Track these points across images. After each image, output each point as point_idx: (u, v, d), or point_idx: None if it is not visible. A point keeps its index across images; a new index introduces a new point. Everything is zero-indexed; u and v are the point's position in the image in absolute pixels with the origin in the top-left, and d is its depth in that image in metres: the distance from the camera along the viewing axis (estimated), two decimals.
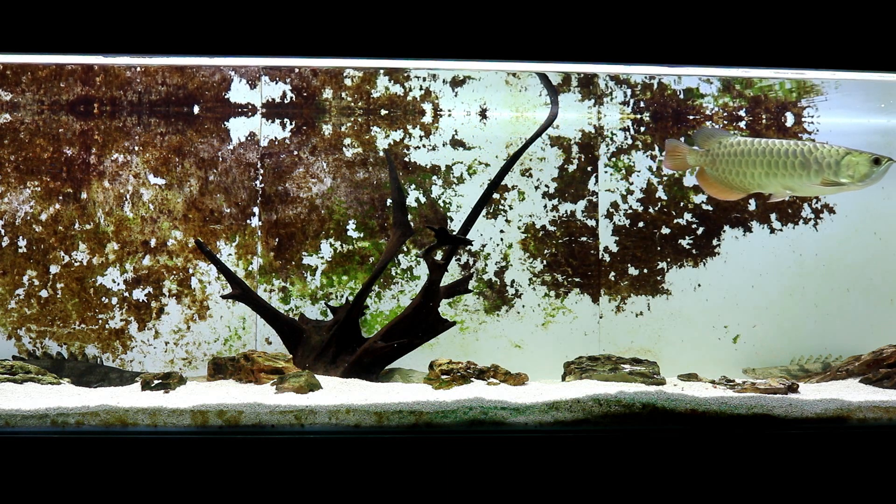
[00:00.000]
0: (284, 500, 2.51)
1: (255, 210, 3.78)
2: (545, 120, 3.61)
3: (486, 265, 3.86)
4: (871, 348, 3.51)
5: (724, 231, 3.90)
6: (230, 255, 3.76)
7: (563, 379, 3.41)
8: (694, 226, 3.90)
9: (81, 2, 2.60)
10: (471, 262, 3.85)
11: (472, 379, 3.22)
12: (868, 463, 2.64)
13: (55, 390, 3.10)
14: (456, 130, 3.86)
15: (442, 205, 3.84)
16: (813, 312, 3.91)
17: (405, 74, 3.81)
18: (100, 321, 3.71)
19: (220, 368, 3.38)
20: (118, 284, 3.72)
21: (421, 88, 3.85)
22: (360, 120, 3.84)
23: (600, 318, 3.85)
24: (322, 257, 3.80)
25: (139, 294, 3.72)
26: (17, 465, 2.50)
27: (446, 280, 3.49)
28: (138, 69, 3.73)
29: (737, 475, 2.60)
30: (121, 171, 3.74)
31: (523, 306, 3.85)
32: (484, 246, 3.85)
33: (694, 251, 3.89)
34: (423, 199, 3.85)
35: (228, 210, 3.77)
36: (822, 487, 2.61)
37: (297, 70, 3.79)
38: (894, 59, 2.77)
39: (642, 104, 3.90)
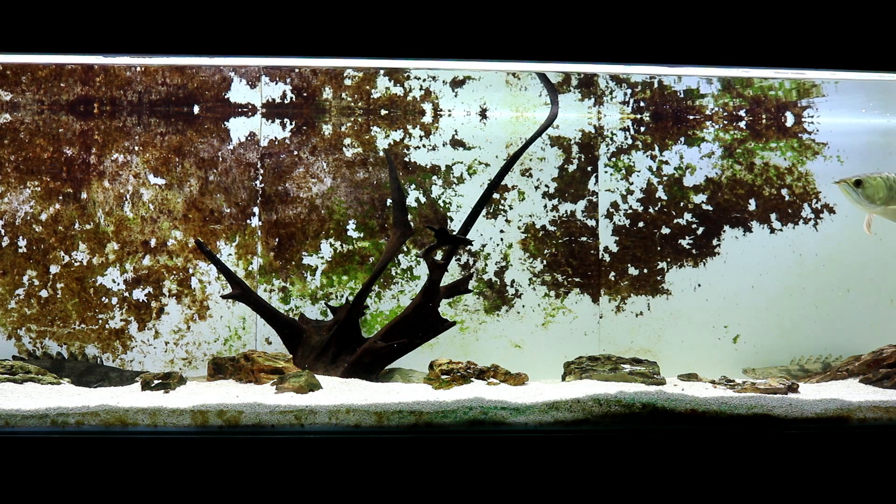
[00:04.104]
0: (284, 500, 2.51)
1: (255, 210, 3.77)
2: (545, 120, 3.61)
3: (486, 265, 3.85)
4: (871, 348, 3.51)
5: (724, 231, 3.90)
6: (230, 255, 3.76)
7: (563, 379, 3.41)
8: (694, 226, 3.89)
9: (81, 2, 2.60)
10: (471, 262, 3.85)
11: (472, 379, 3.22)
12: (868, 463, 2.64)
13: (55, 390, 3.10)
14: (456, 130, 3.86)
15: (442, 205, 3.84)
16: (813, 312, 3.91)
17: (405, 74, 3.81)
18: (100, 321, 3.71)
19: (220, 368, 3.38)
20: (118, 284, 3.71)
21: (421, 88, 3.84)
22: (360, 120, 3.84)
23: (600, 318, 3.85)
24: (322, 257, 3.80)
25: (139, 294, 3.72)
26: (17, 465, 2.50)
27: (446, 280, 3.48)
28: (138, 69, 3.73)
29: (737, 475, 2.60)
30: (121, 171, 3.74)
31: (523, 306, 3.85)
32: (484, 246, 3.85)
33: (694, 251, 3.89)
34: (423, 199, 3.84)
35: (228, 210, 3.77)
36: (822, 487, 2.61)
37: (297, 70, 3.79)
38: (894, 59, 2.77)
39: (642, 104, 3.90)
